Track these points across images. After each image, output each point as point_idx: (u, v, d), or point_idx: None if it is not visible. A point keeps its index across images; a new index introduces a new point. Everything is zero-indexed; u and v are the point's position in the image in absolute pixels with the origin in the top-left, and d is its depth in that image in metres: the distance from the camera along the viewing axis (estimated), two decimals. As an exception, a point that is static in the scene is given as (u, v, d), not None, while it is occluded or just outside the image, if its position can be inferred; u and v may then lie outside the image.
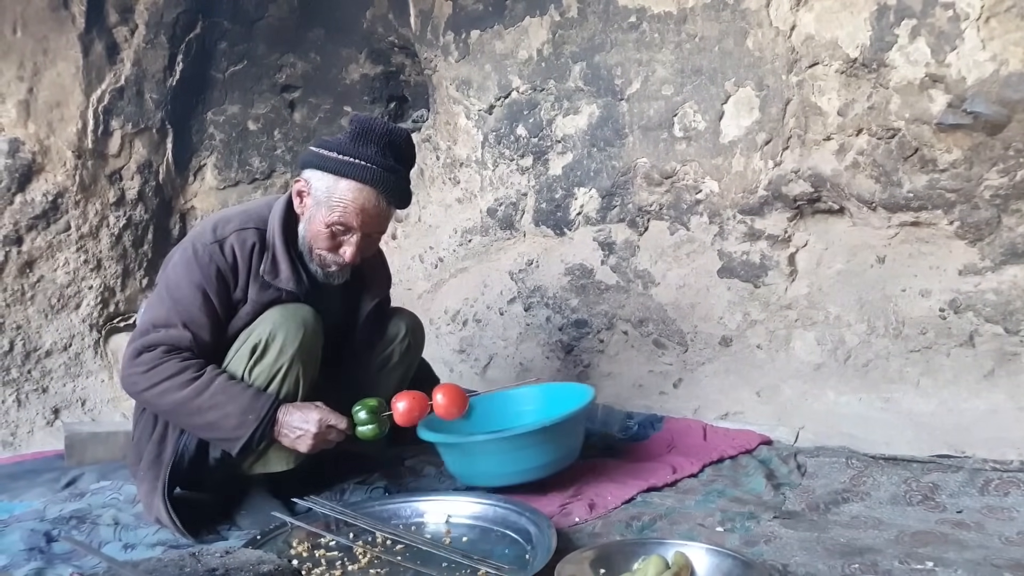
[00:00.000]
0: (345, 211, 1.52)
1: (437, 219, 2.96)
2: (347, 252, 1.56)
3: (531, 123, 2.62)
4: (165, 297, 1.53)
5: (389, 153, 1.56)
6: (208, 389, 1.47)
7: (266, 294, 1.58)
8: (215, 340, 1.54)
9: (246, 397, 1.48)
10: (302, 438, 1.49)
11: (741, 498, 1.64)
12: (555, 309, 2.64)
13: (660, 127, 2.34)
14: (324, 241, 1.56)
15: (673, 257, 2.38)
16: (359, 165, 1.52)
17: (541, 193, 2.63)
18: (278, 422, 1.50)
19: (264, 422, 1.48)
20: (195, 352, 1.51)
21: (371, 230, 1.57)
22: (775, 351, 2.20)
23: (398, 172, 1.57)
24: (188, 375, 1.47)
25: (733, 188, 2.23)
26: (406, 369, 1.83)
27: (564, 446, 1.70)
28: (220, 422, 1.47)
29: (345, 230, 1.55)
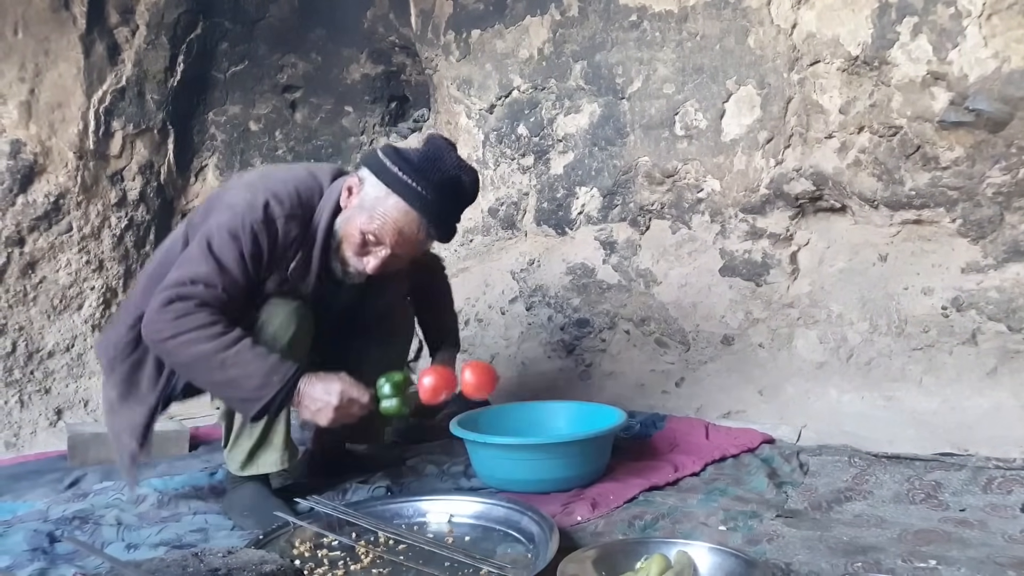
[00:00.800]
0: (384, 226, 1.49)
1: (438, 219, 2.96)
2: (370, 263, 1.53)
3: (532, 122, 2.62)
4: (210, 257, 1.48)
5: (449, 189, 1.52)
6: (235, 346, 1.43)
7: (284, 285, 1.56)
8: (247, 309, 1.53)
9: (271, 360, 1.46)
10: (322, 411, 1.46)
11: (743, 497, 1.63)
12: (557, 308, 2.63)
13: (661, 126, 2.34)
14: (353, 245, 1.53)
15: (675, 256, 2.38)
16: (414, 190, 1.48)
17: (542, 192, 2.63)
18: (300, 391, 1.46)
19: (286, 387, 1.44)
20: (227, 312, 1.48)
21: (402, 252, 1.54)
22: (777, 350, 2.20)
23: (451, 211, 1.55)
24: (217, 329, 1.44)
25: (735, 187, 2.23)
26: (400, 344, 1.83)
27: (595, 461, 1.75)
28: (242, 381, 1.44)
29: (376, 242, 1.52)
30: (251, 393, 1.44)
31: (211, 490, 1.80)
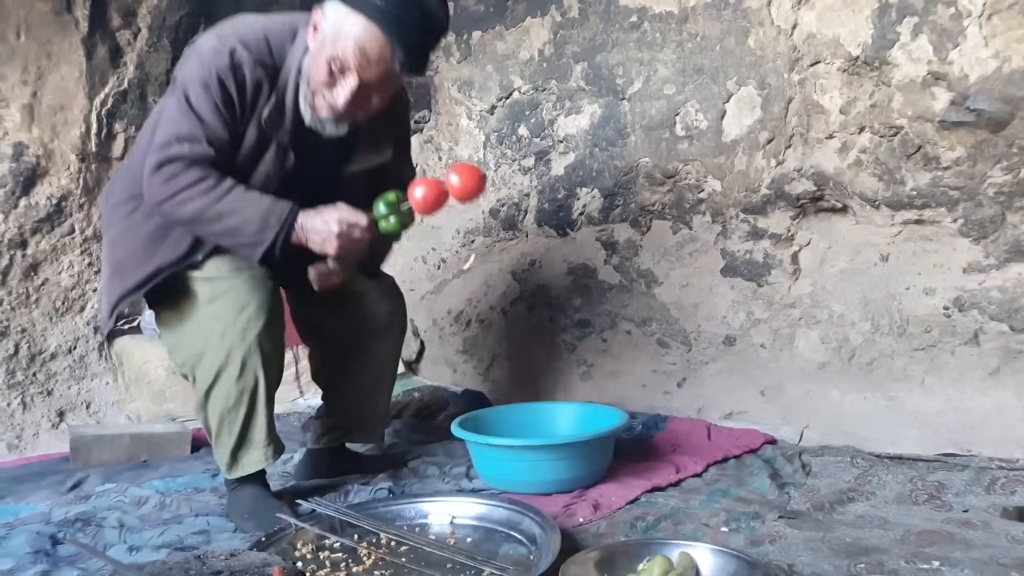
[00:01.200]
0: (345, 48, 1.42)
1: (439, 220, 2.96)
2: (339, 96, 1.46)
3: (533, 123, 2.62)
4: (189, 112, 1.48)
5: (413, 4, 1.44)
6: (228, 196, 1.46)
7: (260, 137, 1.53)
8: (233, 159, 1.53)
9: (265, 203, 1.48)
10: (327, 240, 1.48)
11: (746, 498, 1.63)
12: (558, 309, 2.63)
13: (662, 126, 2.34)
14: (320, 77, 1.46)
15: (676, 256, 2.38)
16: (373, 3, 1.42)
17: (543, 193, 2.63)
18: (301, 227, 1.48)
19: (284, 226, 1.47)
20: (217, 167, 1.50)
21: (369, 78, 1.44)
22: (779, 350, 2.20)
23: (417, 30, 1.45)
24: (208, 183, 1.46)
25: (735, 187, 2.23)
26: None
27: (597, 462, 1.75)
28: (241, 227, 1.47)
29: (342, 68, 1.44)
30: (252, 238, 1.48)
31: (213, 492, 1.80)
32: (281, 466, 1.96)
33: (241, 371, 1.53)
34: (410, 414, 2.48)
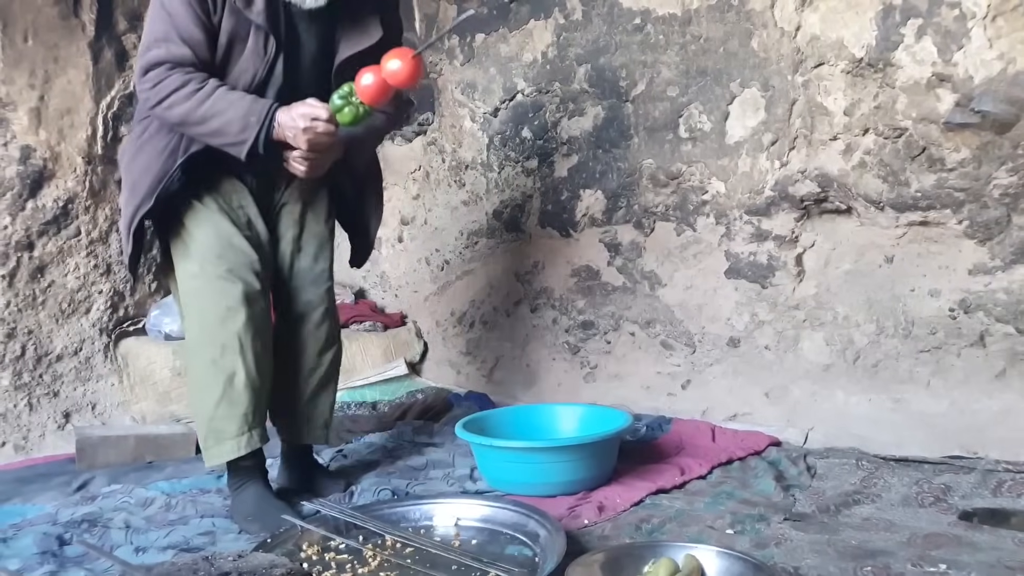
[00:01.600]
0: None
1: (443, 221, 2.97)
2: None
3: (536, 125, 2.63)
4: (162, 12, 1.54)
5: None
6: (210, 98, 1.51)
7: (239, 25, 1.55)
8: (212, 56, 1.56)
9: (246, 103, 1.53)
10: (297, 136, 1.52)
11: (751, 500, 1.63)
12: (561, 310, 2.64)
13: (665, 128, 2.34)
14: None
15: (680, 258, 2.38)
16: None
17: (547, 195, 2.63)
18: (278, 125, 1.52)
19: (264, 125, 1.51)
20: (197, 67, 1.54)
21: None
22: (783, 352, 2.20)
23: None
24: (191, 87, 1.51)
25: (739, 189, 2.23)
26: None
27: (601, 464, 1.75)
28: (224, 128, 1.52)
29: None
30: (236, 138, 1.52)
31: (218, 493, 1.81)
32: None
33: (217, 360, 1.57)
34: (414, 415, 2.48)
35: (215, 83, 1.54)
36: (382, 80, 1.50)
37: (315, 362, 1.79)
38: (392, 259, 3.16)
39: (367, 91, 1.51)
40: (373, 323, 3.03)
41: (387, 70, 1.49)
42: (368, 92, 1.51)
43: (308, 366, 1.78)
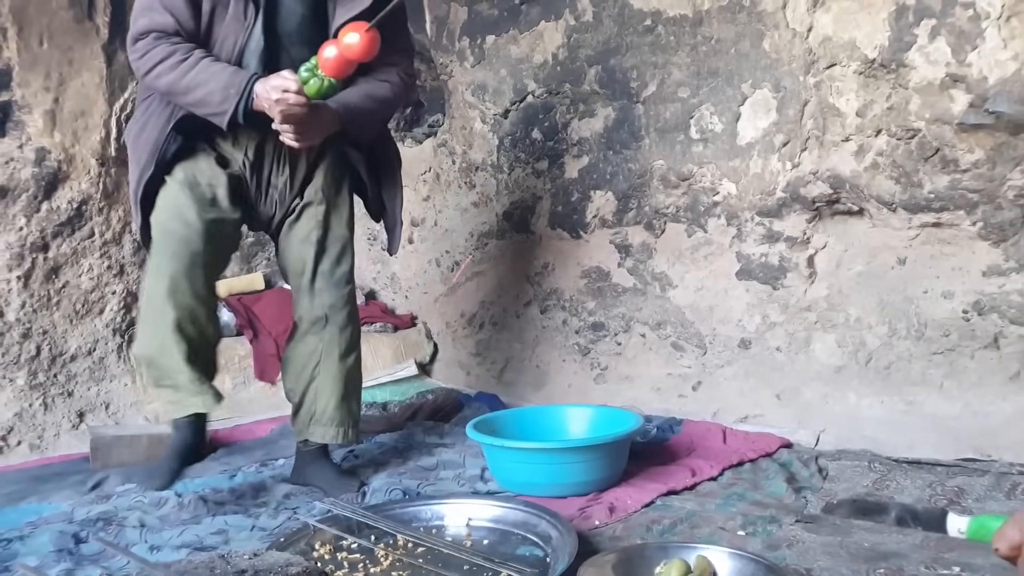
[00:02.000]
0: None
1: (453, 223, 2.98)
2: None
3: (546, 126, 2.63)
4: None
5: None
6: (193, 69, 1.56)
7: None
8: (196, 24, 1.60)
9: (227, 74, 1.57)
10: (271, 107, 1.55)
11: (762, 502, 1.63)
12: (572, 312, 2.64)
13: (676, 129, 2.34)
14: None
15: (691, 259, 2.37)
16: None
17: (557, 196, 2.63)
18: (256, 96, 1.56)
19: (243, 96, 1.55)
20: (182, 36, 1.59)
21: None
22: (795, 353, 2.19)
23: None
24: (176, 58, 1.56)
25: (751, 190, 2.22)
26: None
27: (612, 466, 1.75)
28: (206, 99, 1.57)
29: None
30: (218, 108, 1.57)
31: (231, 492, 1.82)
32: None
33: (159, 323, 1.69)
34: (424, 416, 2.49)
35: (200, 54, 1.58)
36: (341, 53, 1.52)
37: (341, 365, 1.82)
38: (402, 260, 3.17)
39: (328, 64, 1.53)
40: (384, 324, 3.04)
41: (343, 43, 1.52)
42: (329, 65, 1.53)
43: (334, 369, 1.81)
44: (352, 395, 1.86)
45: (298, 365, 1.84)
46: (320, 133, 1.65)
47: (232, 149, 1.75)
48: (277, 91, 1.53)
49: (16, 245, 2.49)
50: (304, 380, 1.83)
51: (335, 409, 1.82)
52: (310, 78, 1.55)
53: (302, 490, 1.80)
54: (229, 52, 1.62)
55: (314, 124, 1.61)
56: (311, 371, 1.82)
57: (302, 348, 1.83)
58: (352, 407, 1.86)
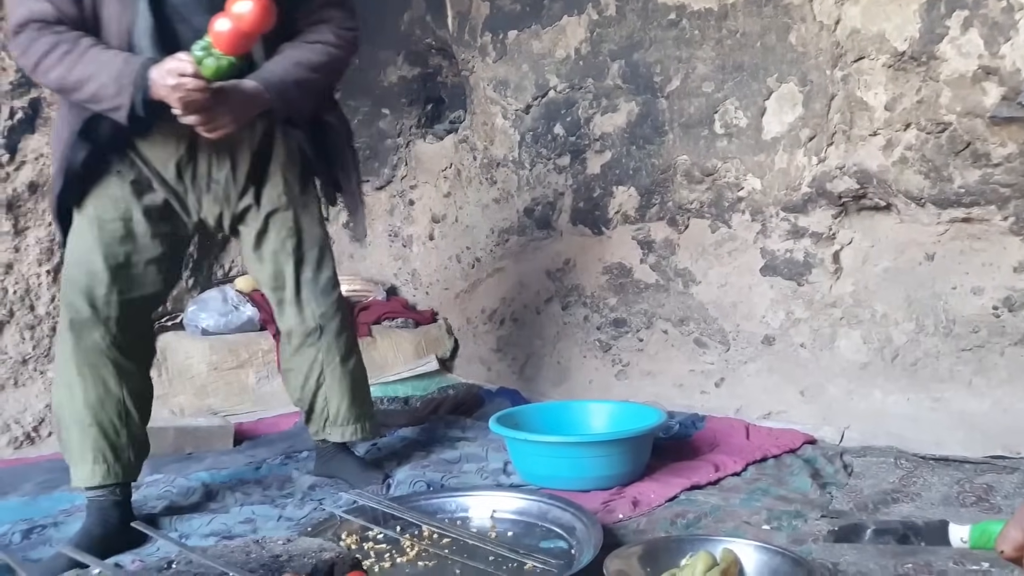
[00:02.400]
0: None
1: (474, 219, 2.98)
2: None
3: (569, 122, 2.63)
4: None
5: None
6: (82, 60, 1.38)
7: None
8: (79, 8, 1.41)
9: (118, 63, 1.38)
10: (169, 95, 1.36)
11: (787, 497, 1.62)
12: (593, 308, 2.63)
13: (701, 124, 2.32)
14: None
15: (714, 255, 2.36)
16: None
17: (579, 192, 2.63)
18: (153, 82, 1.36)
19: (138, 85, 1.36)
20: (67, 24, 1.40)
21: None
22: (819, 350, 2.17)
23: None
24: (62, 49, 1.38)
25: (776, 185, 2.21)
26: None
27: (635, 460, 1.75)
28: (100, 93, 1.38)
29: None
30: (113, 102, 1.38)
31: (257, 484, 1.84)
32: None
33: (62, 383, 1.52)
34: (446, 410, 2.50)
35: (88, 42, 1.40)
36: (234, 25, 1.32)
37: (344, 368, 1.76)
38: (423, 257, 3.18)
39: (221, 39, 1.33)
40: (405, 320, 3.05)
41: (233, 13, 1.32)
42: (223, 40, 1.33)
43: (339, 373, 1.76)
44: (361, 393, 1.81)
45: (300, 376, 1.77)
46: (236, 119, 1.43)
47: (157, 150, 1.54)
48: (173, 75, 1.34)
49: (46, 240, 2.53)
50: (310, 389, 1.77)
51: (348, 410, 1.77)
52: (204, 57, 1.34)
53: (327, 482, 1.82)
54: (118, 35, 1.42)
55: (224, 109, 1.40)
56: (316, 380, 1.75)
57: (300, 360, 1.75)
58: (364, 404, 1.81)
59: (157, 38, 1.42)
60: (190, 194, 1.60)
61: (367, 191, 3.24)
